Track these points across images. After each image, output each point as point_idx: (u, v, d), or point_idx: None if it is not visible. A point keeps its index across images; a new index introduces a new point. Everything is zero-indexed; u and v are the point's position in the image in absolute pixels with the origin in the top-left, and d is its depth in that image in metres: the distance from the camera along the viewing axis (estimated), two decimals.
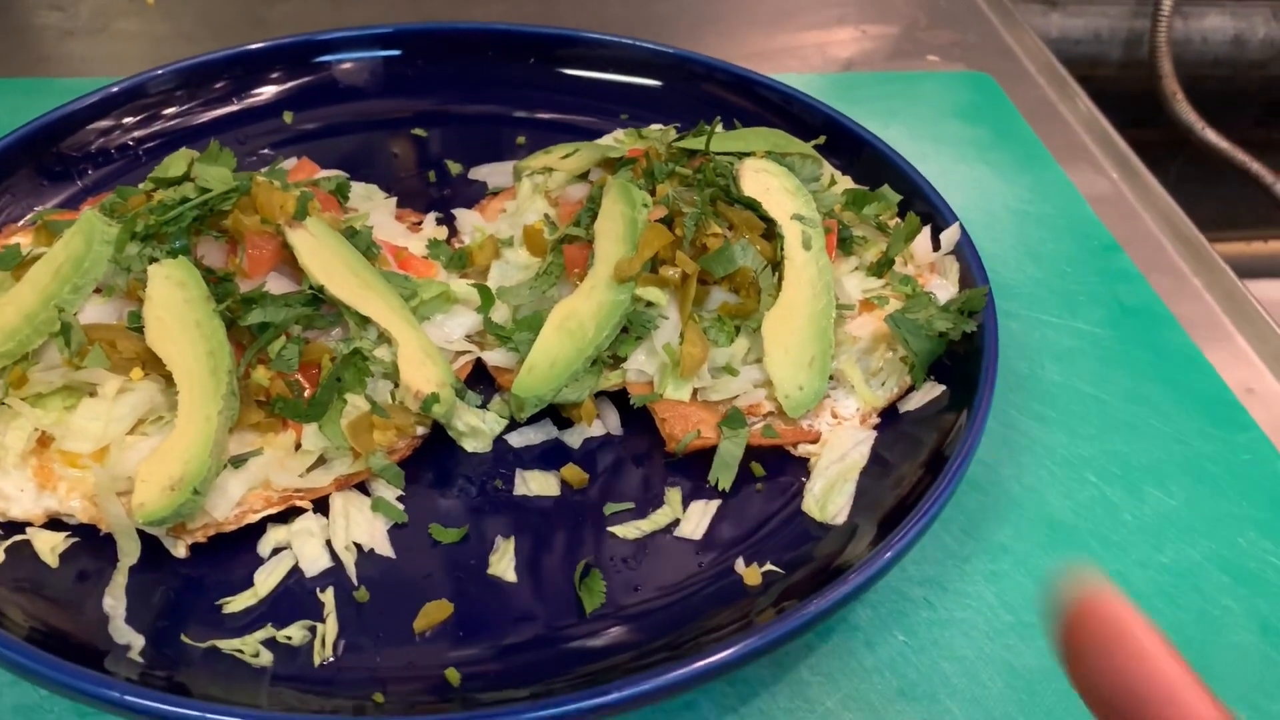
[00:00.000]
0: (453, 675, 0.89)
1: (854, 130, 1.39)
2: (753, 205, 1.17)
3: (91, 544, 0.98)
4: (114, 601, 0.92)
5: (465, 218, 1.33)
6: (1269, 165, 2.91)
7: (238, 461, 0.99)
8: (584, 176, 1.30)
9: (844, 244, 1.20)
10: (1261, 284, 1.56)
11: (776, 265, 1.14)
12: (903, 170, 1.33)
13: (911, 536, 0.94)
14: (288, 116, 1.50)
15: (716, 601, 0.97)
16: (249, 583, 0.96)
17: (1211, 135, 2.95)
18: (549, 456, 1.11)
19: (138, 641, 0.89)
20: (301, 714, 0.83)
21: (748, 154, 1.25)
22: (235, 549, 0.99)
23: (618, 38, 1.54)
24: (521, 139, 1.51)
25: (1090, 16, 2.97)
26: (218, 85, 1.45)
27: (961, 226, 1.24)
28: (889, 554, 0.93)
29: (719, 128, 1.28)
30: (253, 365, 1.03)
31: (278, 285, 1.09)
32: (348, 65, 1.53)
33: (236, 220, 1.08)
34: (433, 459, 1.09)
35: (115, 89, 1.37)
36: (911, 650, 0.99)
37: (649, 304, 1.12)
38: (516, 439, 1.11)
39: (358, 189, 1.31)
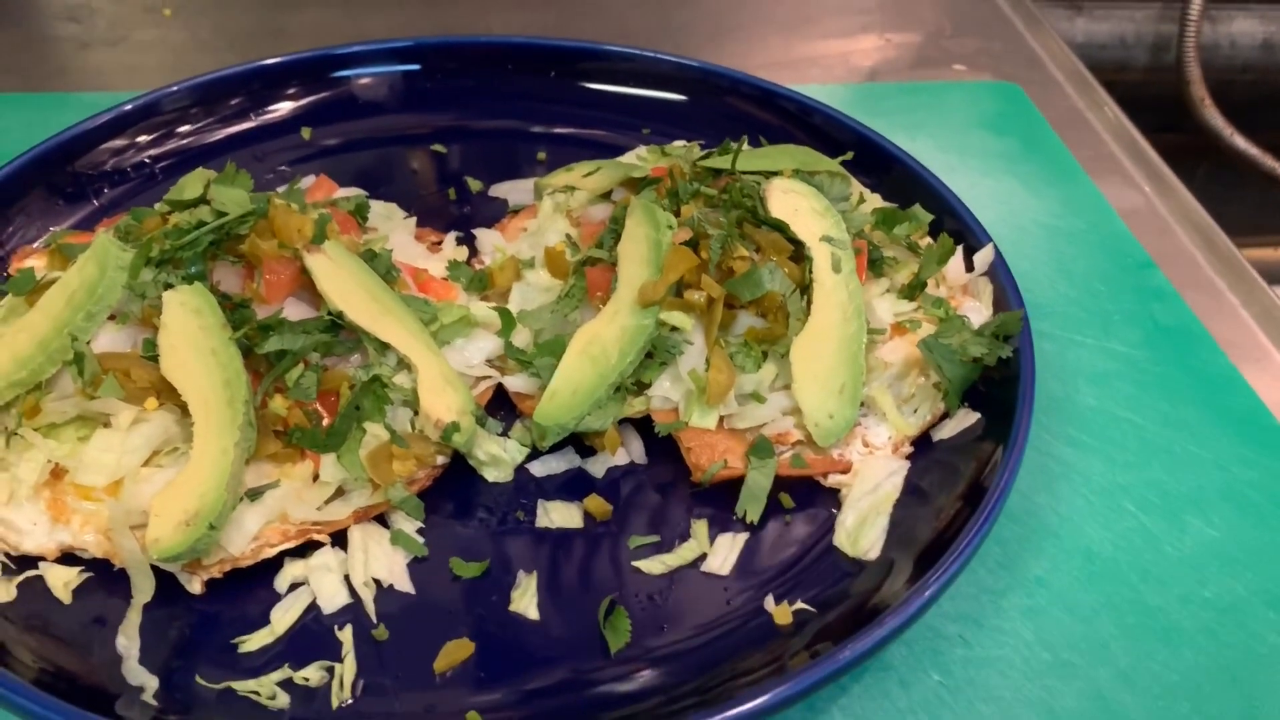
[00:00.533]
0: (474, 718, 0.86)
1: (883, 146, 1.36)
2: (781, 227, 1.14)
3: (105, 579, 0.96)
4: (127, 642, 0.90)
5: (486, 237, 1.30)
6: None
7: (254, 494, 0.97)
8: (606, 196, 1.27)
9: (874, 265, 1.17)
10: None
11: (805, 288, 1.11)
12: (934, 188, 1.30)
13: (950, 575, 0.92)
14: (305, 132, 1.48)
15: (746, 642, 0.94)
16: (265, 620, 0.93)
17: (1240, 141, 2.91)
18: (571, 486, 1.08)
19: (151, 684, 0.87)
20: None
21: (774, 173, 1.22)
22: (251, 584, 0.96)
23: (641, 50, 1.51)
24: (542, 154, 1.48)
25: (1116, 20, 2.93)
26: (234, 101, 1.43)
27: (995, 247, 1.21)
28: (926, 594, 0.90)
29: (744, 146, 1.25)
30: (270, 394, 1.01)
31: (295, 311, 1.07)
32: (366, 80, 1.50)
33: (253, 245, 1.06)
34: (453, 489, 1.06)
35: (129, 106, 1.35)
36: (947, 691, 0.96)
37: (674, 329, 1.09)
38: (538, 468, 1.09)
39: (377, 208, 1.28)
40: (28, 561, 0.96)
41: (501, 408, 1.14)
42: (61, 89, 1.77)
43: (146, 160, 1.39)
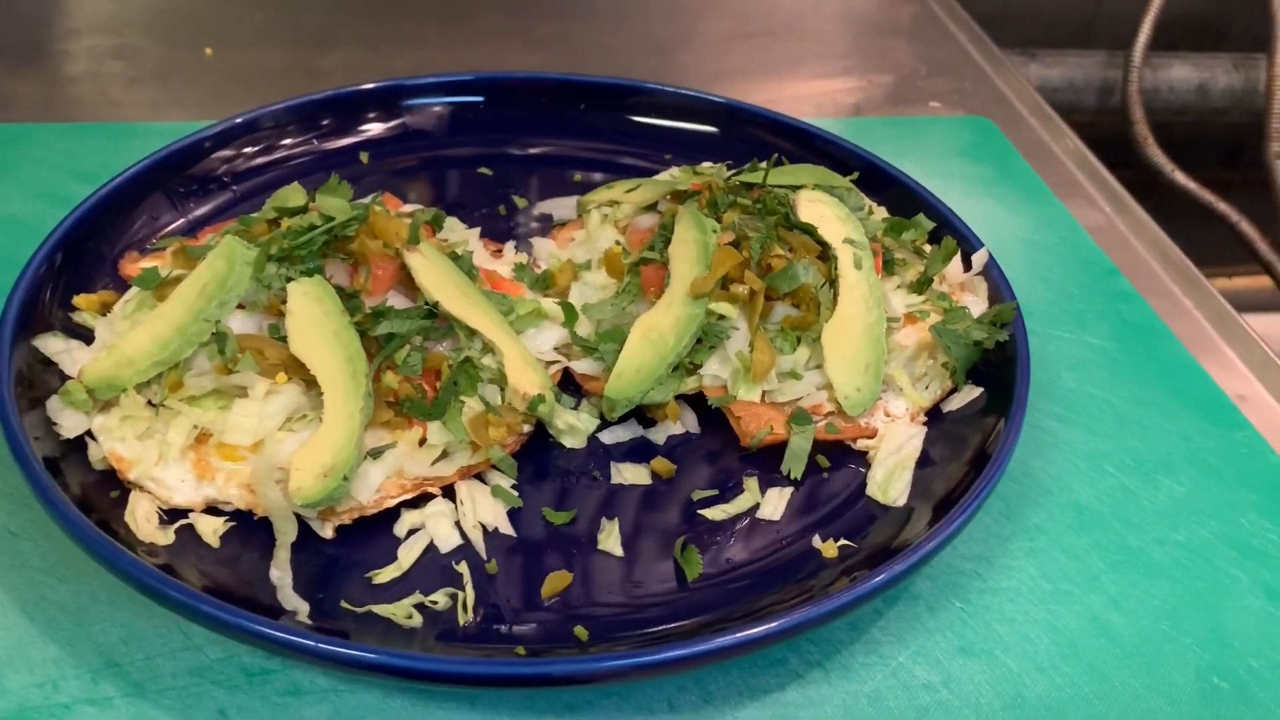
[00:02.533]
0: (581, 632, 1.02)
1: (886, 169, 1.56)
2: (810, 230, 1.32)
3: (246, 528, 1.10)
4: (280, 573, 1.04)
5: (541, 245, 1.48)
6: (1233, 204, 3.11)
7: (375, 453, 1.12)
8: (650, 208, 1.45)
9: (887, 265, 1.36)
10: None
11: (832, 283, 1.30)
12: (931, 204, 1.49)
13: (963, 520, 1.09)
14: (364, 157, 1.64)
15: (799, 571, 1.11)
16: (391, 558, 1.08)
17: (1180, 176, 3.15)
18: (637, 451, 1.25)
19: (304, 607, 1.02)
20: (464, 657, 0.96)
21: (799, 187, 1.40)
22: (374, 531, 1.11)
23: (669, 86, 1.71)
24: (578, 176, 1.66)
25: (1067, 66, 3.18)
26: (318, 124, 1.60)
27: (988, 250, 1.40)
28: (945, 533, 1.07)
29: (771, 165, 1.44)
30: (382, 370, 1.16)
31: (395, 302, 1.22)
32: (420, 109, 1.68)
33: (362, 244, 1.22)
34: (536, 455, 1.22)
35: (239, 120, 1.53)
36: (967, 614, 1.13)
37: (721, 317, 1.26)
38: (607, 437, 1.25)
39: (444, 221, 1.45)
40: (180, 514, 1.10)
41: (567, 390, 1.31)
42: (118, 119, 1.91)
43: (226, 179, 1.55)
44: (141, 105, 1.98)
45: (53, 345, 1.21)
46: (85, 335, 1.25)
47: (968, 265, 1.41)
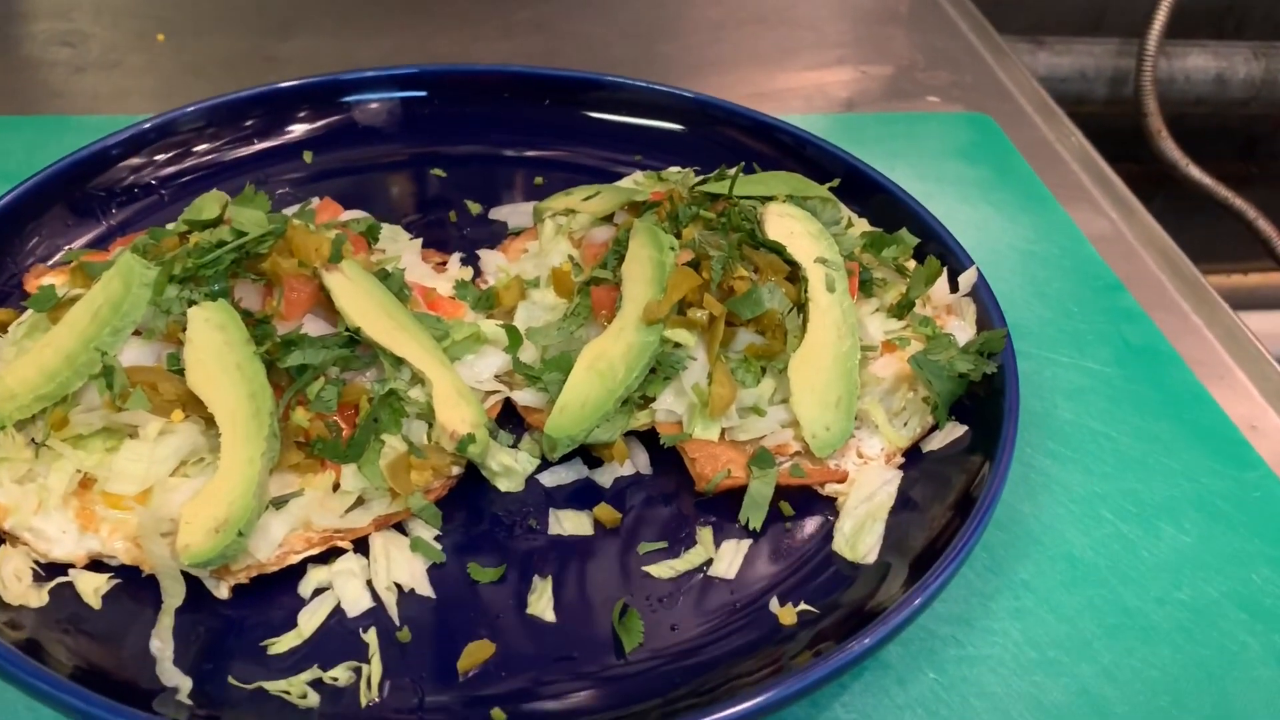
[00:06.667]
0: (498, 715, 0.90)
1: (869, 175, 1.42)
2: (778, 249, 1.19)
3: (133, 585, 0.99)
4: (161, 644, 0.93)
5: (489, 258, 1.35)
6: (1249, 200, 2.98)
7: (279, 503, 1.00)
8: (607, 219, 1.32)
9: (865, 286, 1.23)
10: (1246, 315, 1.60)
11: (801, 307, 1.17)
12: (918, 214, 1.36)
13: (944, 579, 0.97)
14: (307, 156, 1.52)
15: (753, 641, 0.99)
16: (291, 623, 0.97)
17: (1195, 171, 3.02)
18: (580, 495, 1.12)
19: (185, 684, 0.90)
20: None
21: (769, 198, 1.27)
22: (276, 590, 1.00)
23: (635, 81, 1.57)
24: (539, 179, 1.53)
25: (1077, 55, 3.04)
26: (246, 123, 1.47)
27: (978, 269, 1.27)
28: (922, 597, 0.95)
29: (740, 172, 1.31)
30: (292, 407, 1.04)
31: (314, 327, 1.10)
32: (367, 105, 1.55)
33: (274, 264, 1.10)
34: (466, 499, 1.10)
35: (148, 125, 1.39)
36: (942, 688, 1.01)
37: (677, 345, 1.14)
38: (548, 478, 1.13)
39: (383, 230, 1.32)
40: (58, 569, 0.99)
41: (509, 421, 1.19)
42: (58, 112, 1.79)
43: (154, 181, 1.42)
44: (85, 96, 1.86)
45: None
46: None
47: (955, 285, 1.27)
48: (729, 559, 1.06)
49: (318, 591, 1.00)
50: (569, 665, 0.96)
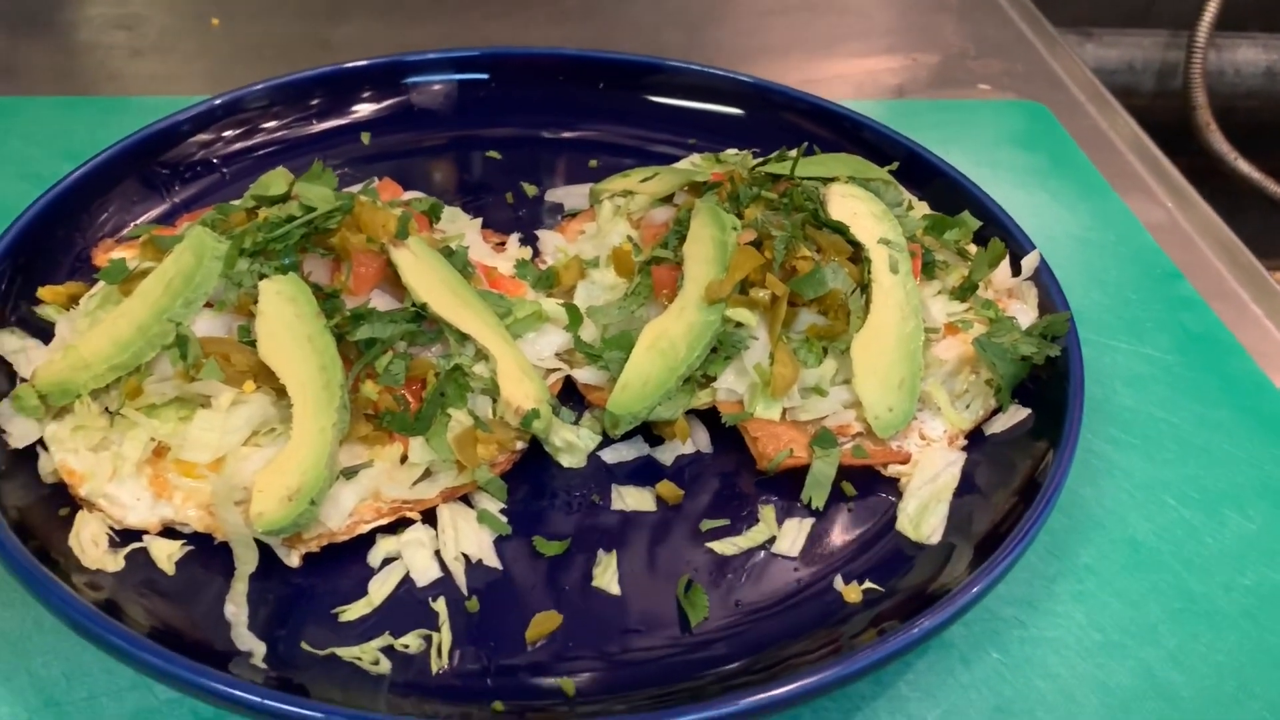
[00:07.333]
0: (567, 685, 0.91)
1: (929, 159, 1.42)
2: (841, 229, 1.19)
3: (205, 553, 1.00)
4: (235, 609, 0.94)
5: (548, 239, 1.36)
6: None
7: (349, 473, 1.01)
8: (665, 200, 1.33)
9: (927, 268, 1.23)
10: None
11: (864, 288, 1.17)
12: (978, 199, 1.36)
13: (1009, 562, 0.97)
14: (365, 138, 1.53)
15: (818, 618, 0.99)
16: (361, 591, 0.98)
17: (1244, 165, 2.99)
18: (641, 473, 1.13)
19: (259, 648, 0.91)
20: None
21: (831, 179, 1.27)
22: (345, 559, 1.01)
23: (694, 65, 1.57)
24: (594, 162, 1.54)
25: (1125, 47, 3.01)
26: (308, 103, 1.48)
27: (1040, 253, 1.27)
28: (988, 579, 0.95)
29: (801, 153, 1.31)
30: (360, 380, 1.05)
31: (380, 302, 1.11)
32: (426, 88, 1.56)
33: (343, 238, 1.11)
34: (530, 474, 1.11)
35: (217, 102, 1.41)
36: (1006, 668, 1.01)
37: (739, 325, 1.14)
38: (610, 455, 1.14)
39: (444, 210, 1.33)
40: (132, 535, 1.00)
41: (569, 399, 1.19)
42: (115, 94, 1.82)
43: (216, 160, 1.44)
44: (142, 79, 1.88)
45: (7, 343, 1.11)
46: (49, 332, 1.15)
47: (1016, 269, 1.27)
48: (792, 537, 1.06)
49: (387, 561, 1.01)
50: (635, 638, 0.96)
